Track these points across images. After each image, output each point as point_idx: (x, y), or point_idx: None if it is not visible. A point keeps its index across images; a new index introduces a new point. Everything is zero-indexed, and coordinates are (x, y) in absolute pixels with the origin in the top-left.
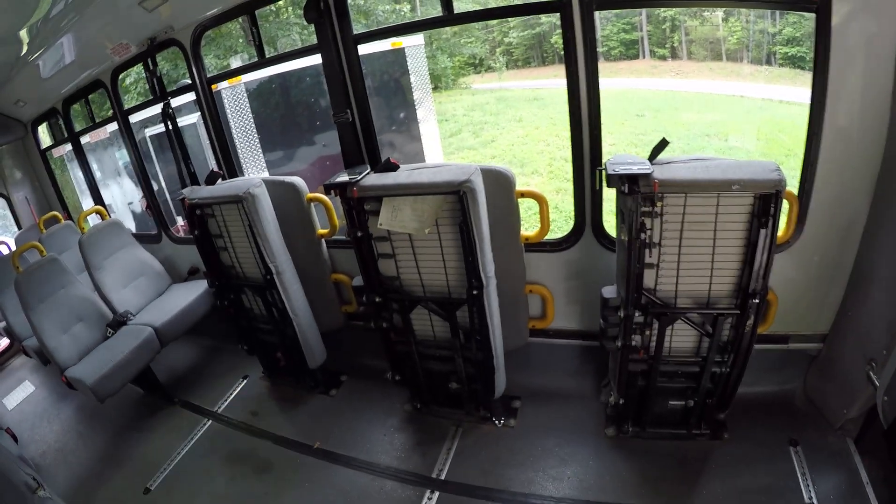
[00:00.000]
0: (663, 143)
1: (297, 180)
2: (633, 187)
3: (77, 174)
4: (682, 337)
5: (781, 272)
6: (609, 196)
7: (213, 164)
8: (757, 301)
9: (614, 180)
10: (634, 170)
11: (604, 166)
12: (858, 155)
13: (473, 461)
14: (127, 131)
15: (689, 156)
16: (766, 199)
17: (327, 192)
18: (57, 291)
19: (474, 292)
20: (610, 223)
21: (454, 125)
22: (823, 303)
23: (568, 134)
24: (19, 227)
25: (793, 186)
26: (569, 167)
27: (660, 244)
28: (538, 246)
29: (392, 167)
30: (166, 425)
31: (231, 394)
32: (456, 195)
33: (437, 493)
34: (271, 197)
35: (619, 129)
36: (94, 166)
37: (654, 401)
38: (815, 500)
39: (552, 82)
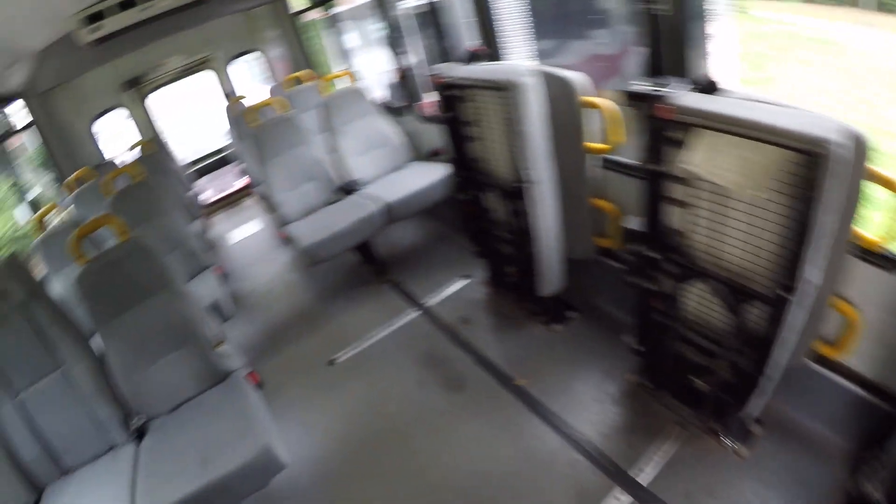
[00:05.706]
0: None
1: (574, 76)
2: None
3: (330, 41)
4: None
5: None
6: None
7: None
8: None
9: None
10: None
11: None
12: None
13: (682, 478)
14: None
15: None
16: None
17: (630, 99)
18: (291, 149)
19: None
20: None
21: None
22: None
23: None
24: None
25: None
26: None
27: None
28: None
29: (712, 88)
30: (371, 302)
31: (446, 291)
32: (808, 156)
33: (627, 497)
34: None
35: None
36: (347, 35)
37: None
38: None
39: (849, 27)
